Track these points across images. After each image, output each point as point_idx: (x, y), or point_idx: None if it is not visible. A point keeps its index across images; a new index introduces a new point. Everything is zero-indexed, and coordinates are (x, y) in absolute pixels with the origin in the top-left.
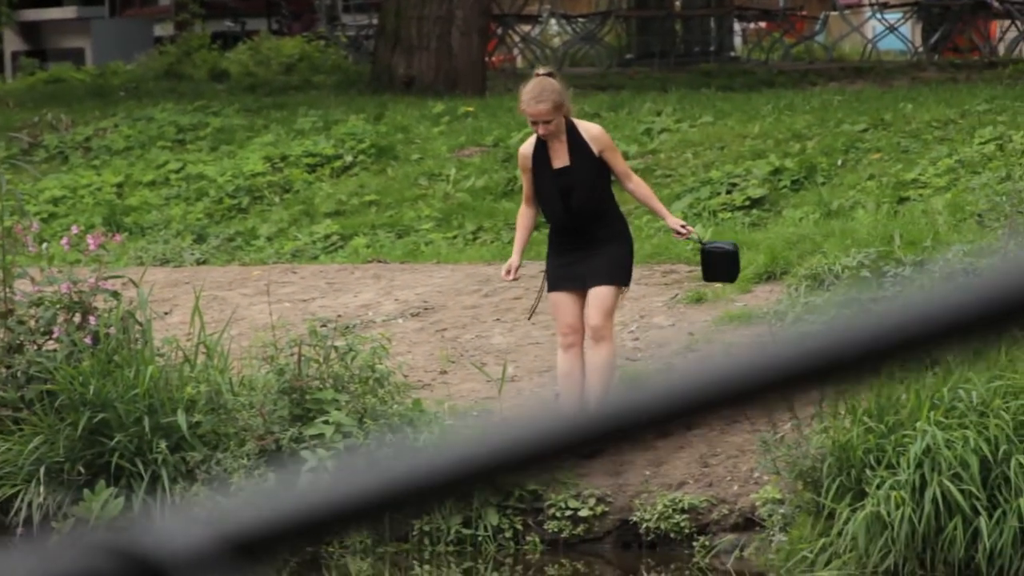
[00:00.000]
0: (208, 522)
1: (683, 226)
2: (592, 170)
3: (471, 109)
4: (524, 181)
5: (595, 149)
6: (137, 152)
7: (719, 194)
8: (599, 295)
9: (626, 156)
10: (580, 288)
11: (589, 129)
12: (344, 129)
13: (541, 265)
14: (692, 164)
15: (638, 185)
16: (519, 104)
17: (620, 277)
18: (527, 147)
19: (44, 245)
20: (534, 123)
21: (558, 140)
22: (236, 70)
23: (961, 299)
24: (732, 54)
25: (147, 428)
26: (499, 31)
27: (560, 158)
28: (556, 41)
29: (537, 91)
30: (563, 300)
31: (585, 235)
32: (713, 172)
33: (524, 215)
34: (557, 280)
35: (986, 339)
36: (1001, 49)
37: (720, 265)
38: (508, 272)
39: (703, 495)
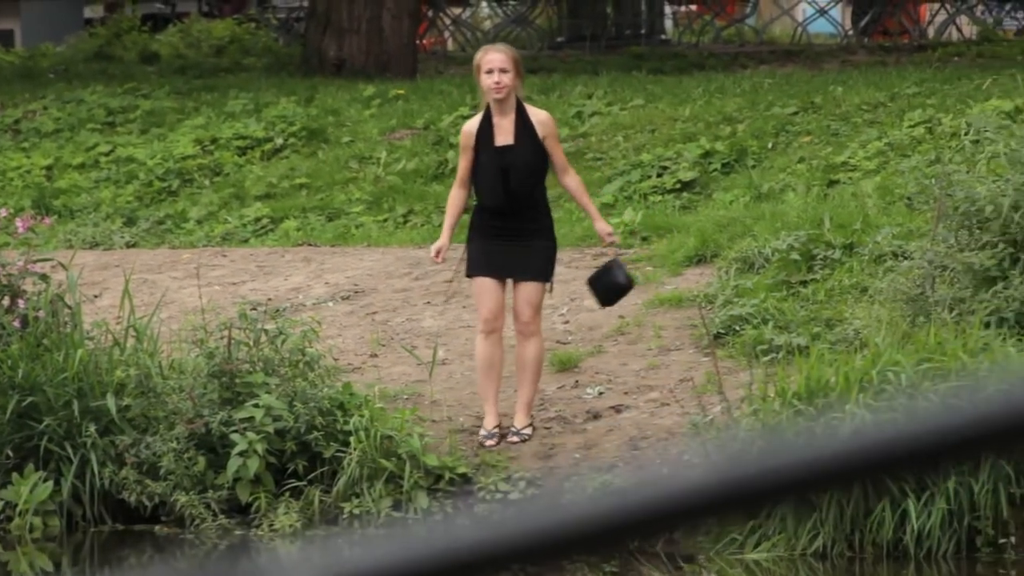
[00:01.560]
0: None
1: (610, 235)
2: (535, 153)
3: (402, 92)
4: (462, 160)
5: (540, 133)
6: (67, 135)
7: (650, 177)
8: (529, 290)
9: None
10: (503, 277)
11: (537, 113)
12: (275, 112)
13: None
14: (623, 147)
15: (574, 180)
16: (476, 59)
17: (548, 273)
18: (471, 124)
19: None
20: (489, 72)
21: (506, 117)
22: (166, 52)
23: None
24: (663, 37)
25: (76, 412)
26: (430, 14)
27: (504, 135)
28: (487, 24)
29: (495, 44)
30: (487, 286)
31: (516, 222)
32: (644, 155)
33: (455, 196)
34: (481, 265)
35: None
36: (930, 32)
37: (610, 286)
38: (437, 253)
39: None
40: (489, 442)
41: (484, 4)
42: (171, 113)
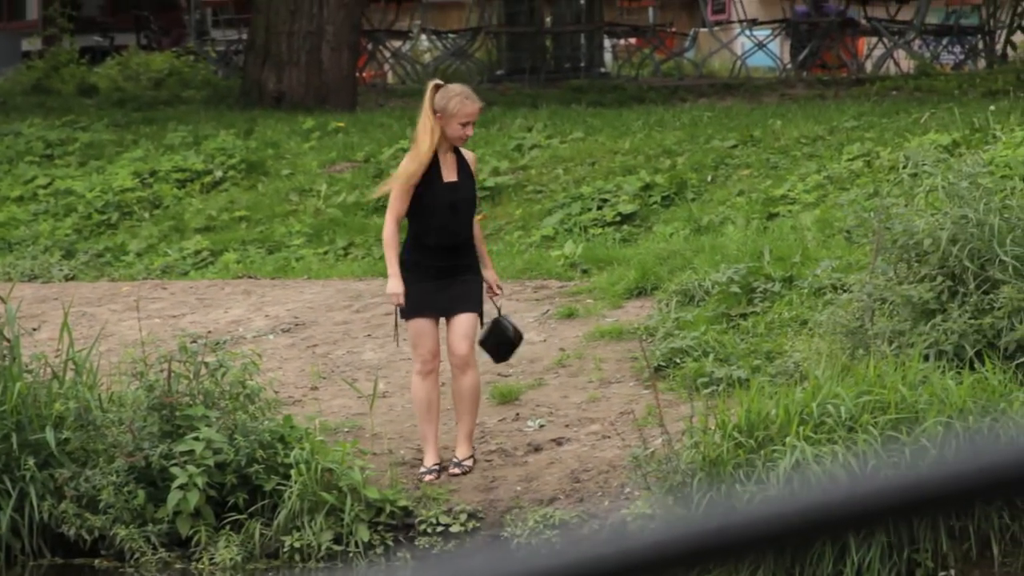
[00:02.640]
0: None
1: (498, 286)
2: (473, 189)
3: (342, 125)
4: (403, 199)
5: (473, 170)
6: (4, 167)
7: (590, 210)
8: (465, 323)
9: (497, 172)
10: (439, 316)
11: (467, 152)
12: (214, 144)
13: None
14: (563, 180)
15: (475, 224)
16: (448, 106)
17: (480, 306)
18: (416, 163)
19: None
20: (464, 124)
21: (448, 154)
22: (105, 85)
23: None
24: (602, 70)
25: (15, 445)
26: (369, 47)
27: (449, 172)
28: (427, 57)
29: (469, 91)
30: (425, 327)
31: (455, 258)
32: (584, 188)
33: (396, 236)
34: (419, 307)
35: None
36: (868, 66)
37: (501, 341)
38: (398, 298)
39: (574, 510)
40: (429, 477)
41: (423, 37)
42: (110, 146)
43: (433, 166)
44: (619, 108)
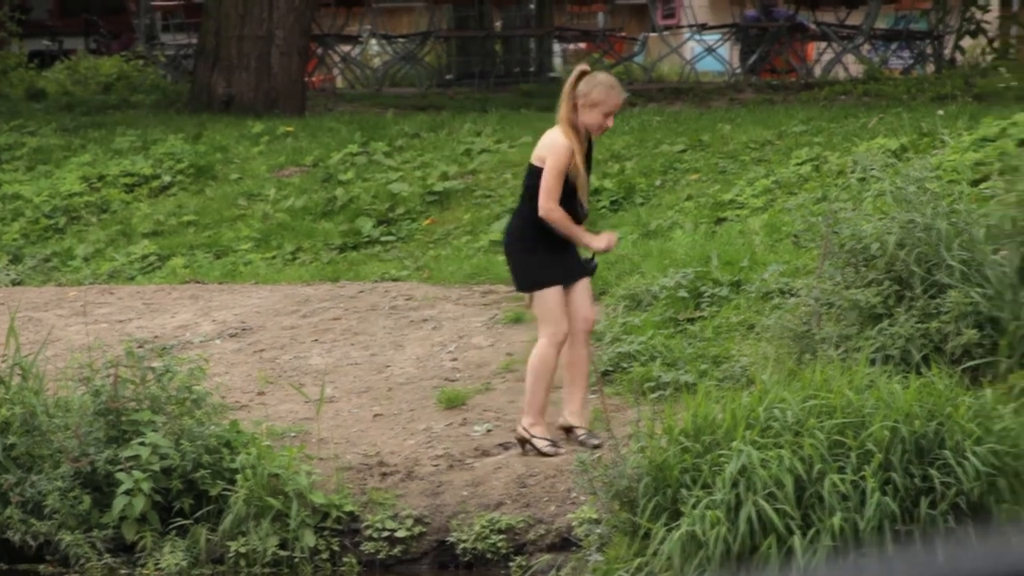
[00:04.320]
0: None
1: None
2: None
3: (291, 129)
4: (559, 183)
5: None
6: None
7: None
8: (589, 286)
9: (446, 177)
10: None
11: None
12: (162, 149)
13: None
14: (512, 185)
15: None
16: (592, 94)
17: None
18: (566, 142)
19: None
20: (607, 114)
21: (585, 143)
22: (53, 89)
23: None
24: (552, 75)
25: None
26: (319, 51)
27: (580, 156)
28: (376, 61)
29: (615, 81)
30: (562, 296)
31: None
32: None
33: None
34: (562, 274)
35: None
36: (817, 71)
37: None
38: (612, 238)
39: (520, 515)
40: (563, 450)
41: (373, 41)
42: (58, 150)
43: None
44: None
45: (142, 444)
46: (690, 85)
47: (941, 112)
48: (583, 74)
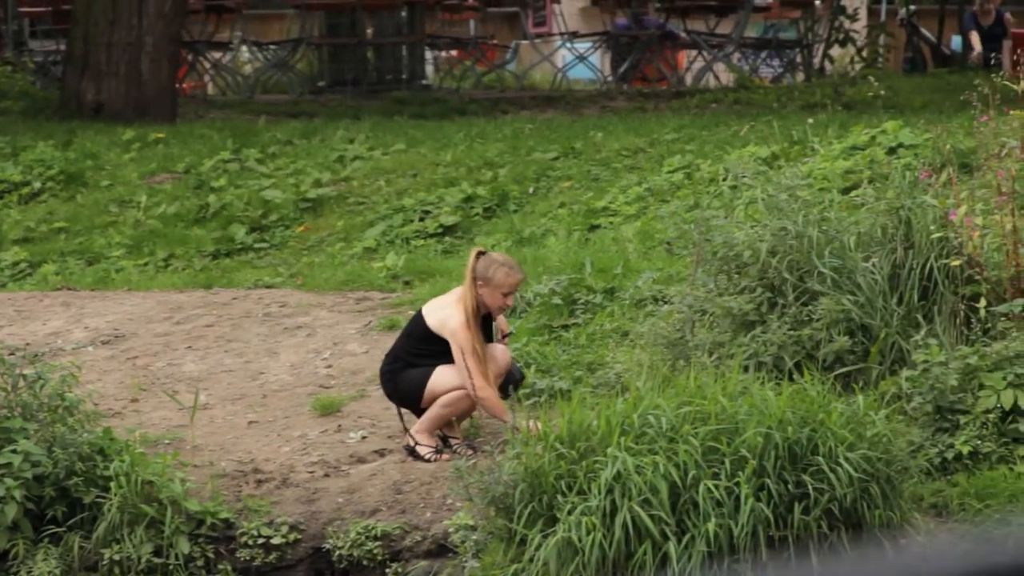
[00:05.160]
0: None
1: (505, 335)
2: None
3: (162, 136)
4: (476, 357)
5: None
6: None
7: (412, 221)
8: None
9: (319, 184)
10: None
11: (501, 322)
12: (32, 155)
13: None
14: (385, 192)
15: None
16: (492, 276)
17: None
18: (462, 321)
19: None
20: (507, 295)
21: (479, 325)
22: None
23: None
24: (424, 82)
25: None
26: (190, 58)
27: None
28: (248, 68)
29: (513, 262)
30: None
31: None
32: (406, 200)
33: (496, 392)
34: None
35: None
36: (688, 79)
37: (508, 380)
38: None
39: (396, 522)
40: (446, 456)
41: (244, 48)
42: None
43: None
44: (441, 120)
45: (14, 452)
46: (562, 93)
47: (811, 120)
48: (480, 255)
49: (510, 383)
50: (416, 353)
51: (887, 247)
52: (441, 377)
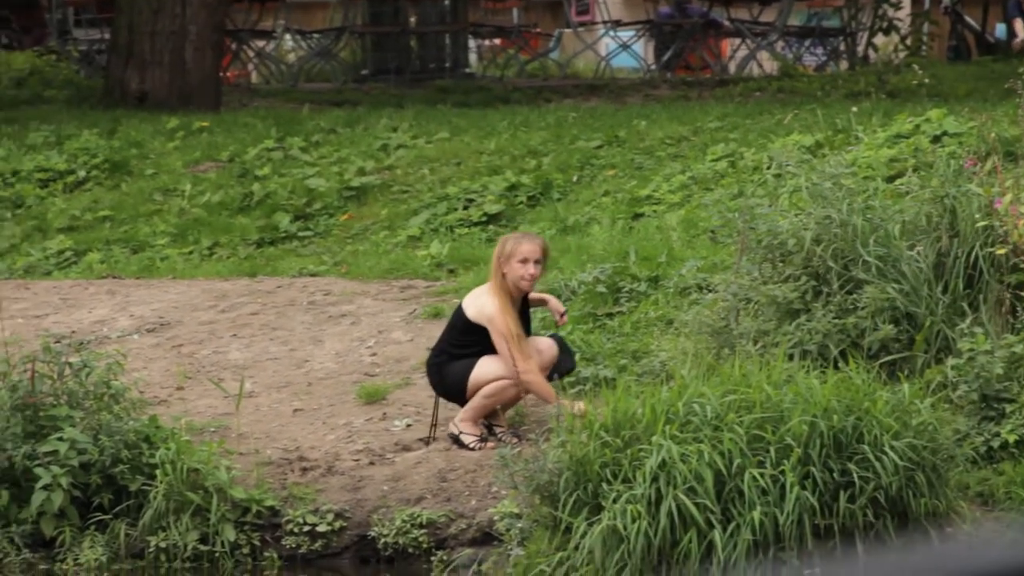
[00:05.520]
0: None
1: (561, 314)
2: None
3: (206, 124)
4: (516, 339)
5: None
6: None
7: (456, 210)
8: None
9: (363, 172)
10: None
11: (533, 299)
12: (77, 144)
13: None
14: (429, 180)
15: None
16: (507, 251)
17: None
18: (497, 306)
19: None
20: (524, 261)
21: (515, 305)
22: None
23: None
24: (467, 70)
25: None
26: (233, 46)
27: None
28: (291, 57)
29: (525, 234)
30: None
31: None
32: (450, 188)
33: (542, 376)
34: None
35: None
36: (732, 67)
37: (558, 367)
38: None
39: (441, 510)
40: (490, 444)
41: (288, 37)
42: None
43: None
44: (484, 108)
45: (60, 439)
46: (605, 81)
47: (855, 109)
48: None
49: (557, 372)
50: (459, 344)
51: (932, 235)
52: (484, 368)
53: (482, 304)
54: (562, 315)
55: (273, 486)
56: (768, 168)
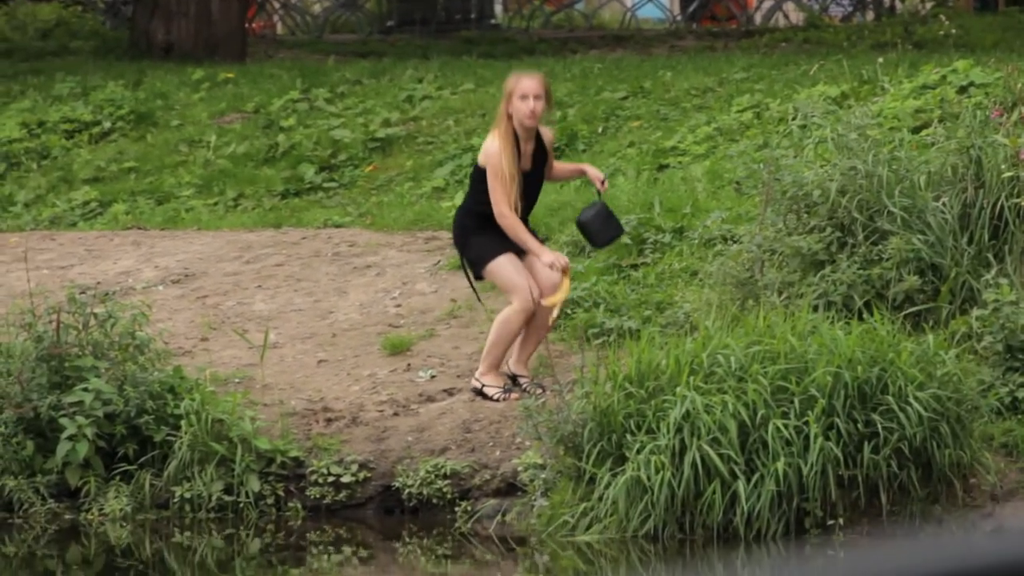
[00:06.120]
0: None
1: (602, 181)
2: (543, 172)
3: (231, 75)
4: (507, 187)
5: (549, 151)
6: None
7: None
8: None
9: (388, 123)
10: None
11: (546, 134)
12: (102, 95)
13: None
14: (454, 131)
15: (555, 168)
16: (507, 89)
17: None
18: (501, 150)
19: None
20: (524, 97)
21: (529, 142)
22: None
23: None
24: (493, 21)
25: None
26: None
27: (526, 161)
28: (317, 7)
29: (525, 71)
30: (516, 262)
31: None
32: (475, 139)
33: (517, 218)
34: (501, 246)
35: None
36: (758, 18)
37: (607, 224)
38: (560, 258)
39: (465, 460)
40: (515, 395)
41: None
42: None
43: (516, 157)
44: (510, 60)
45: (85, 390)
46: (631, 32)
47: (881, 59)
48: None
49: (606, 239)
50: (480, 200)
51: (957, 186)
52: (502, 266)
53: (486, 147)
54: (602, 182)
55: (297, 437)
56: (793, 119)
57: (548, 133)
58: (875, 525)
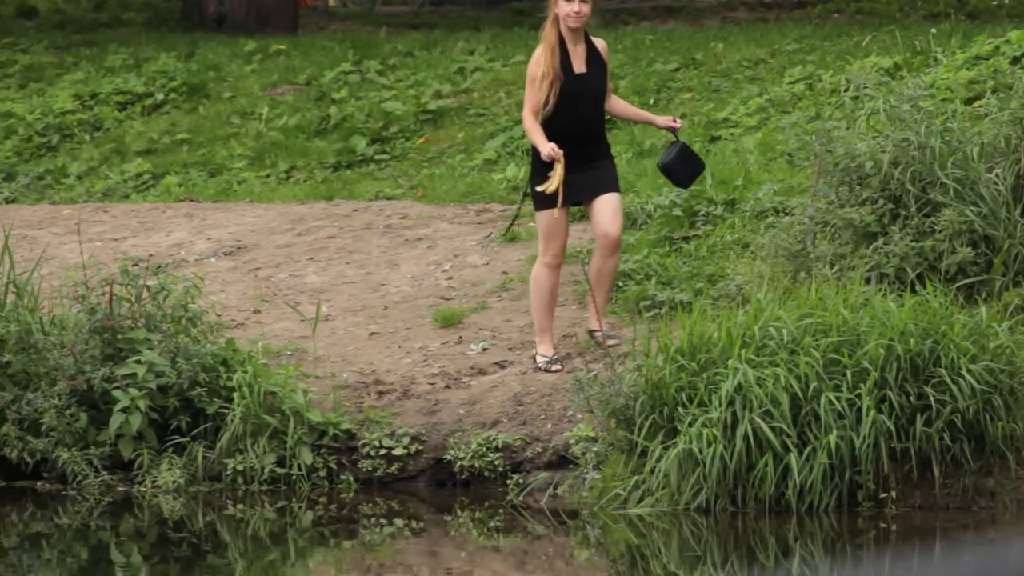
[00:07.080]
0: None
1: (675, 120)
2: (602, 79)
3: (283, 47)
4: (538, 90)
5: (604, 60)
6: None
7: None
8: (613, 202)
9: (439, 95)
10: (577, 204)
11: (598, 42)
12: (155, 67)
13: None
14: (505, 103)
15: (617, 100)
16: None
17: (619, 187)
18: (548, 55)
19: None
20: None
21: (578, 44)
22: (45, 7)
23: None
24: None
25: None
26: None
27: (580, 63)
28: None
29: None
30: (561, 221)
31: (587, 147)
32: None
33: (536, 122)
34: (565, 196)
35: None
36: None
37: (689, 164)
38: (553, 150)
39: (517, 433)
40: (555, 367)
41: None
42: (50, 68)
43: (564, 58)
44: None
45: (138, 362)
46: (683, 3)
47: (934, 30)
48: None
49: (688, 177)
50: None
51: (1011, 157)
52: (544, 217)
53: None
54: (675, 120)
55: (349, 409)
56: (846, 90)
57: (602, 43)
58: (927, 498)
